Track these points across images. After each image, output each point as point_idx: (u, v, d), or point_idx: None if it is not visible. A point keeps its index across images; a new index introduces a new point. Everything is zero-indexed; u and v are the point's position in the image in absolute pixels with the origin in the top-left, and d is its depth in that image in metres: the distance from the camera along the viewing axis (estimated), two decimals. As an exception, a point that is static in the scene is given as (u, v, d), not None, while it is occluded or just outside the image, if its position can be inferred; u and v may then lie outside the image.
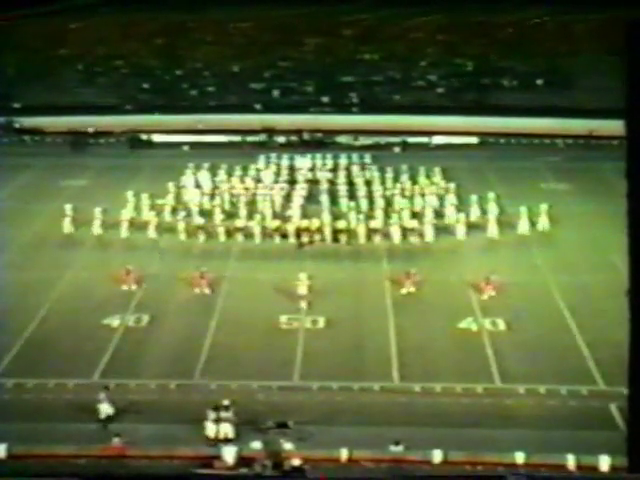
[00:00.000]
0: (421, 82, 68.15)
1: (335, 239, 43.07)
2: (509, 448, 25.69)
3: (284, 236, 43.30)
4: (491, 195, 46.22)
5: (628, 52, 18.68)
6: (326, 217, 44.33)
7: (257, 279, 38.25)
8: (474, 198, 45.85)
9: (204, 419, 26.80)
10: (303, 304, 35.26)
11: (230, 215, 45.47)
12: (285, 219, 44.66)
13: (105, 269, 38.96)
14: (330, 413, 28.13)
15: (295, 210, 45.64)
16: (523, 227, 43.56)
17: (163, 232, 43.68)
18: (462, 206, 45.57)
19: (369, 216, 44.57)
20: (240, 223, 44.28)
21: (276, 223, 44.21)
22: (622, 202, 51.08)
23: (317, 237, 42.97)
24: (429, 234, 43.16)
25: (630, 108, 18.84)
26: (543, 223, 43.84)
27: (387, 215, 44.54)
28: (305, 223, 43.81)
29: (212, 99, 66.60)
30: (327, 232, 43.29)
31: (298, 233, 43.27)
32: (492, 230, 43.42)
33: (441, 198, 47.06)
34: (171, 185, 48.60)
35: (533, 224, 43.73)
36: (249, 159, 53.38)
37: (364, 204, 46.49)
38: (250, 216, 44.70)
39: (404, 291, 36.85)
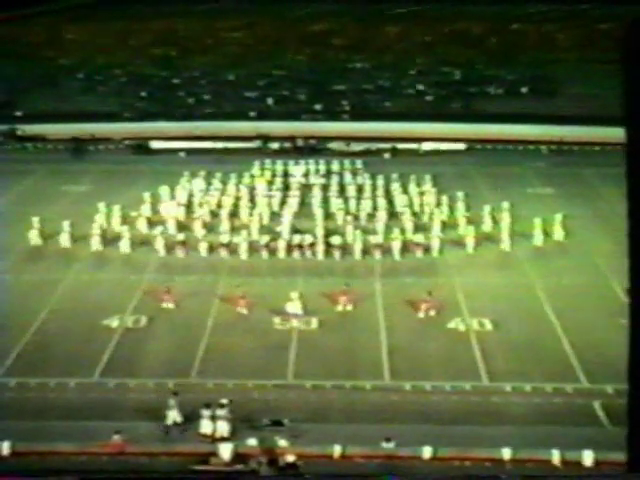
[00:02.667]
0: (410, 90, 68.33)
1: (328, 253, 40.85)
2: (496, 444, 25.74)
3: (273, 252, 40.96)
4: (505, 205, 44.85)
5: (628, 51, 18.10)
6: (319, 232, 42.19)
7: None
8: (487, 208, 44.58)
9: (200, 417, 26.79)
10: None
11: (210, 229, 43.66)
12: (275, 234, 42.34)
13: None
14: (323, 411, 28.14)
15: (285, 226, 43.17)
16: (538, 238, 41.89)
17: (137, 246, 41.85)
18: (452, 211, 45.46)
19: (365, 230, 42.67)
20: (225, 238, 41.73)
21: (266, 238, 41.80)
22: (605, 206, 51.50)
23: (309, 253, 40.88)
24: (435, 248, 41.11)
25: (630, 108, 18.23)
26: (558, 233, 42.40)
27: (389, 229, 42.53)
28: (297, 239, 41.49)
29: (208, 107, 66.57)
30: (320, 248, 41.03)
31: (289, 249, 41.06)
32: (505, 242, 41.66)
33: (451, 209, 45.58)
34: (147, 195, 47.06)
35: (547, 234, 42.46)
36: (244, 165, 53.18)
37: (363, 217, 45.00)
38: (234, 230, 42.58)
39: (339, 308, 35.38)
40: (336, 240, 41.54)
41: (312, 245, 41.17)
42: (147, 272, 39.48)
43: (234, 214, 45.66)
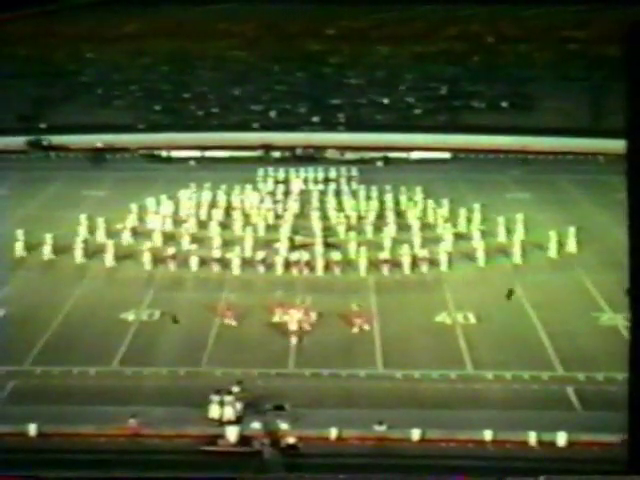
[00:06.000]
0: (400, 104, 68.27)
1: (327, 268, 38.30)
2: (479, 426, 25.82)
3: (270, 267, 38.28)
4: (519, 216, 43.15)
5: (628, 51, 17.50)
6: (318, 249, 39.66)
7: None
8: (501, 220, 43.01)
9: (209, 402, 26.79)
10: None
11: (197, 241, 41.48)
12: (273, 251, 39.73)
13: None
14: (321, 397, 28.17)
15: (283, 242, 40.37)
16: (552, 251, 40.19)
17: (122, 259, 39.97)
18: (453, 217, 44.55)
19: (359, 242, 40.29)
20: (216, 253, 38.95)
21: (261, 254, 39.05)
22: (575, 209, 51.37)
23: (306, 271, 38.11)
24: (444, 263, 38.67)
25: (630, 108, 17.59)
26: (571, 245, 40.72)
27: (396, 244, 40.01)
28: (295, 256, 38.79)
29: (216, 119, 66.57)
30: (319, 264, 38.30)
31: (287, 265, 38.45)
32: (516, 255, 39.63)
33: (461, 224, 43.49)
34: (133, 206, 45.40)
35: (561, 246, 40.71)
36: (248, 173, 53.06)
37: (369, 231, 42.78)
38: (226, 244, 39.98)
39: (276, 319, 33.43)
40: (336, 256, 39.10)
41: (308, 263, 38.47)
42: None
43: (225, 226, 43.58)
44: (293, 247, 40.41)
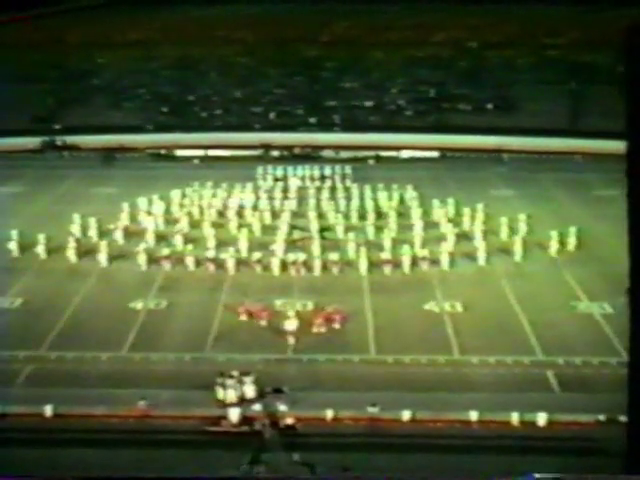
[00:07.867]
0: (392, 106, 68.24)
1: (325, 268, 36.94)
2: (465, 408, 25.94)
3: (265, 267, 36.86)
4: (521, 216, 42.45)
5: (627, 52, 17.21)
6: (316, 249, 38.51)
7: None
8: (504, 220, 41.96)
9: (214, 386, 26.84)
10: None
11: (191, 241, 40.02)
12: (269, 252, 38.17)
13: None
14: (318, 381, 28.25)
15: (279, 245, 38.95)
16: (554, 249, 39.36)
17: (115, 259, 38.86)
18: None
19: (357, 242, 38.93)
20: (211, 254, 37.57)
21: (257, 255, 37.61)
22: (556, 205, 51.56)
23: (303, 271, 36.70)
24: (445, 262, 37.45)
25: (630, 108, 17.33)
26: (572, 244, 39.80)
27: (396, 244, 38.73)
28: (292, 257, 37.26)
29: (219, 120, 66.49)
30: (317, 264, 36.98)
31: (284, 266, 36.96)
32: (518, 254, 38.62)
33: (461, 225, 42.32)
34: (125, 206, 44.53)
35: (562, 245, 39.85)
36: (248, 171, 52.99)
37: (370, 232, 41.18)
38: (221, 245, 38.65)
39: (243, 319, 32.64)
40: (334, 256, 37.76)
41: (305, 262, 37.27)
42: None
43: (219, 226, 42.37)
44: (291, 242, 40.06)
